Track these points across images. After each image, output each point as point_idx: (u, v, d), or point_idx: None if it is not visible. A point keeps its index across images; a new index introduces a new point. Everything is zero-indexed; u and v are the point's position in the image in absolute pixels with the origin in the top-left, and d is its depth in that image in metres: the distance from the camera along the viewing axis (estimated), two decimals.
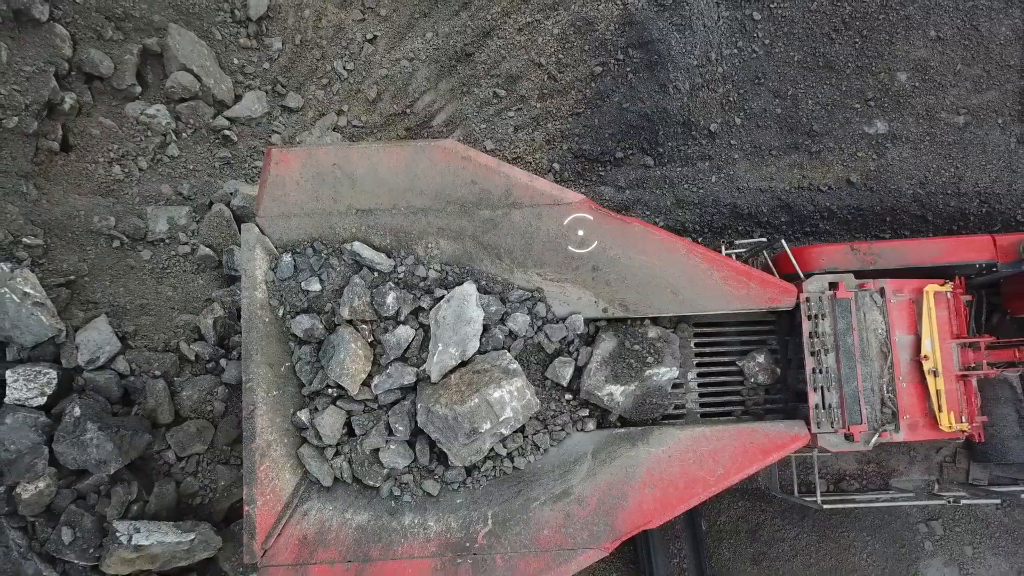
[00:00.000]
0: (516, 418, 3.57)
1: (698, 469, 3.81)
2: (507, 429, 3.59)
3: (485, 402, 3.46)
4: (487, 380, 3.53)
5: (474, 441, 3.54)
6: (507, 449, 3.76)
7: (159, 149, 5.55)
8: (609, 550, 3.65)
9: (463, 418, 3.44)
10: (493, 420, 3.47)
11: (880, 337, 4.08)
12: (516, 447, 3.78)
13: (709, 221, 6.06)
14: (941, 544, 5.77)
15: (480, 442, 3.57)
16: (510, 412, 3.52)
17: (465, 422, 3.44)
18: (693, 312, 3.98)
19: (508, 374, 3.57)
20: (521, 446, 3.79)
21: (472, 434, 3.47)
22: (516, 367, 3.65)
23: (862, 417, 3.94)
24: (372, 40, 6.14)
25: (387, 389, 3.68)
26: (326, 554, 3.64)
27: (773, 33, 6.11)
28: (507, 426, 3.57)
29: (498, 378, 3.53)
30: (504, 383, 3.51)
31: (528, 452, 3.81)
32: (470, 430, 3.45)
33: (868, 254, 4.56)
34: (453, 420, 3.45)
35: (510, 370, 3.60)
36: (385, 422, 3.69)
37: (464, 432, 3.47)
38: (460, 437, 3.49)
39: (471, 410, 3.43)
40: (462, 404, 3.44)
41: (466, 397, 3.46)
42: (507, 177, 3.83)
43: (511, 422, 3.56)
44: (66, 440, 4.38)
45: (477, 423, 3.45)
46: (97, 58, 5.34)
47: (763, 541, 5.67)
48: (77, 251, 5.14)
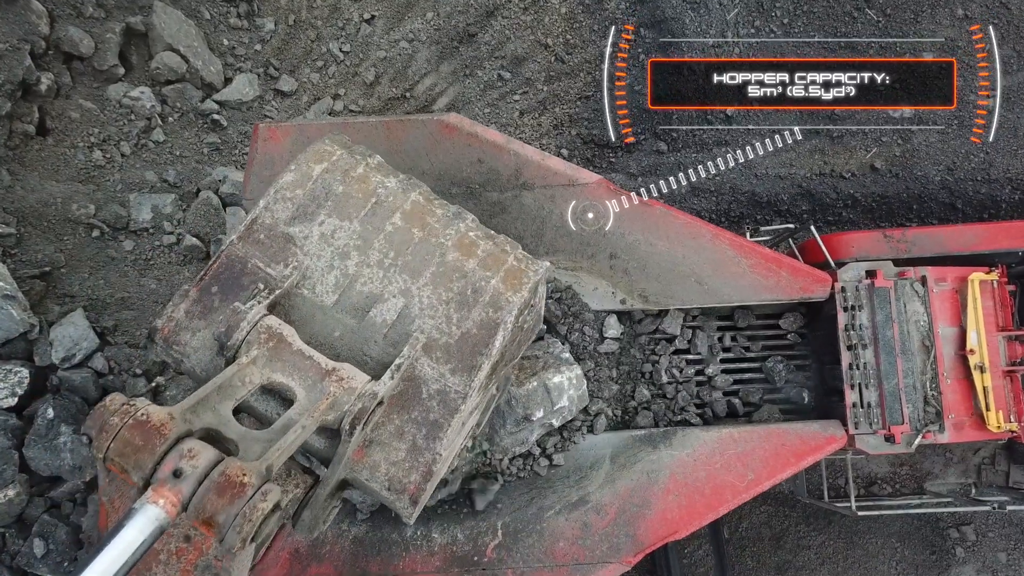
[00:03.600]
0: (570, 408, 3.29)
1: (726, 474, 3.49)
2: (558, 420, 3.30)
3: (543, 386, 3.19)
4: (542, 365, 3.28)
5: (522, 430, 3.23)
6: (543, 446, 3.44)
7: (143, 134, 5.23)
8: (631, 564, 3.32)
9: (517, 401, 3.15)
10: (547, 408, 3.19)
11: (922, 330, 3.76)
12: (553, 443, 3.45)
13: (726, 209, 5.74)
14: (973, 550, 5.45)
15: (527, 431, 3.27)
16: (566, 401, 3.24)
17: (519, 406, 3.15)
18: (719, 303, 3.66)
19: (564, 362, 3.34)
20: (557, 443, 3.46)
21: (523, 421, 3.17)
22: (570, 356, 3.40)
23: (904, 417, 3.62)
24: (370, 20, 5.82)
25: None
26: (320, 569, 3.31)
27: (792, 12, 5.80)
28: (559, 416, 3.28)
29: (555, 364, 3.30)
30: (564, 369, 3.28)
31: (561, 451, 3.48)
32: (522, 416, 3.15)
33: (902, 241, 4.23)
34: (506, 403, 3.16)
35: (563, 358, 3.36)
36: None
37: (515, 418, 3.16)
38: (508, 424, 3.18)
39: (528, 393, 3.16)
40: (520, 386, 3.16)
41: (523, 379, 3.20)
42: (517, 156, 3.51)
43: (564, 412, 3.28)
44: (38, 444, 4.06)
45: (531, 409, 3.17)
46: (77, 36, 5.01)
47: (788, 549, 5.34)
48: (53, 241, 4.81)
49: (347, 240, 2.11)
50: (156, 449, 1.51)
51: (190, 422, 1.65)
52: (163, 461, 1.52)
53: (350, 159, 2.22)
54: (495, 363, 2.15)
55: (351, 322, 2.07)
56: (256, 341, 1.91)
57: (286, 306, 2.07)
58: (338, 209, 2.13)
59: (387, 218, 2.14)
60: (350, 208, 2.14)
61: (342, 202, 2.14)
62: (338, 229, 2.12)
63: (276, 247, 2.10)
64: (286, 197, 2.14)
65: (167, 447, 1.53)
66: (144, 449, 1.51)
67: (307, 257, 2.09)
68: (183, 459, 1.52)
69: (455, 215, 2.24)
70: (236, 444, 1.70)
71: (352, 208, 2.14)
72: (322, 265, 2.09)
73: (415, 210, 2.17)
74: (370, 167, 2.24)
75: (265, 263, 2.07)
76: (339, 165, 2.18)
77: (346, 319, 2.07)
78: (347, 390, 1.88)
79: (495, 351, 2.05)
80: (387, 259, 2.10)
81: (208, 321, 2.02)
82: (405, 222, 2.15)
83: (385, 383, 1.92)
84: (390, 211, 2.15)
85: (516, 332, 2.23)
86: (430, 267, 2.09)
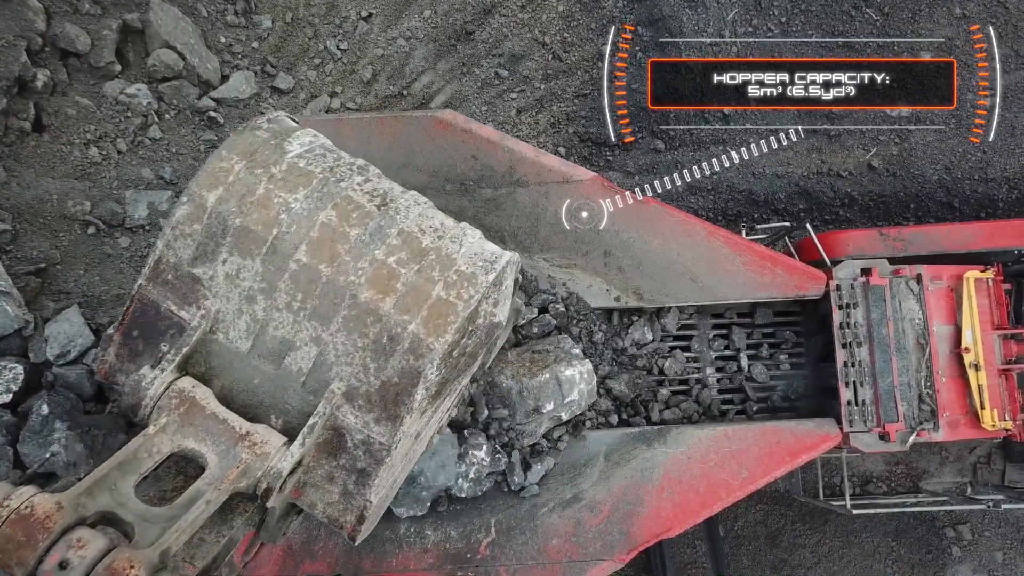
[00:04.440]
0: (579, 403, 3.30)
1: (720, 472, 3.48)
2: (567, 413, 3.30)
3: (555, 379, 3.19)
4: (553, 359, 3.28)
5: (530, 423, 3.22)
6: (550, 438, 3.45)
7: (140, 131, 5.22)
8: (624, 561, 3.32)
9: (529, 393, 3.16)
10: (557, 401, 3.19)
11: (917, 328, 3.75)
12: (559, 436, 3.45)
13: (723, 208, 5.73)
14: (969, 550, 5.45)
15: (536, 424, 3.27)
16: (576, 395, 3.25)
17: (531, 398, 3.16)
18: (714, 301, 3.66)
19: (574, 356, 3.34)
20: (563, 436, 3.45)
21: (533, 413, 3.18)
22: (580, 351, 3.40)
23: (898, 415, 3.62)
24: (367, 18, 5.81)
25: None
26: (313, 566, 3.31)
27: (790, 11, 5.79)
28: (568, 410, 3.28)
29: (565, 358, 3.30)
30: (576, 363, 3.28)
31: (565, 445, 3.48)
32: (533, 408, 3.16)
33: (898, 240, 4.23)
34: (518, 394, 3.16)
35: (573, 353, 3.36)
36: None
37: (526, 410, 3.16)
38: (519, 416, 3.18)
39: (539, 385, 3.16)
40: (532, 377, 3.16)
41: (536, 371, 3.20)
42: (511, 152, 3.50)
43: (573, 406, 3.28)
44: (33, 441, 4.06)
45: (542, 401, 3.17)
46: (73, 33, 5.00)
47: (783, 547, 5.34)
48: (49, 237, 4.81)
49: (252, 282, 1.92)
50: (39, 544, 1.45)
51: (83, 507, 1.57)
52: (49, 553, 1.45)
53: (249, 178, 1.95)
54: (437, 390, 2.00)
55: (269, 369, 1.93)
56: (167, 407, 1.82)
57: (204, 353, 1.95)
58: (238, 246, 1.91)
59: (290, 255, 1.90)
60: (250, 244, 1.91)
61: (241, 237, 1.91)
62: (242, 268, 1.92)
63: (185, 288, 1.94)
64: (185, 233, 1.93)
65: (51, 541, 1.46)
66: (27, 545, 1.44)
67: (217, 299, 1.93)
68: (71, 549, 1.45)
69: (374, 234, 1.95)
70: (133, 527, 1.61)
71: (252, 244, 1.91)
72: (232, 308, 1.93)
73: (323, 238, 1.91)
74: (275, 180, 1.96)
75: (178, 306, 1.94)
76: (235, 190, 1.93)
77: (263, 366, 1.93)
78: (259, 456, 1.79)
79: (417, 401, 1.89)
80: (295, 302, 1.90)
81: (138, 364, 1.94)
82: (311, 257, 1.90)
83: (294, 453, 1.82)
84: (293, 245, 1.90)
85: (458, 358, 2.04)
86: (340, 311, 1.88)
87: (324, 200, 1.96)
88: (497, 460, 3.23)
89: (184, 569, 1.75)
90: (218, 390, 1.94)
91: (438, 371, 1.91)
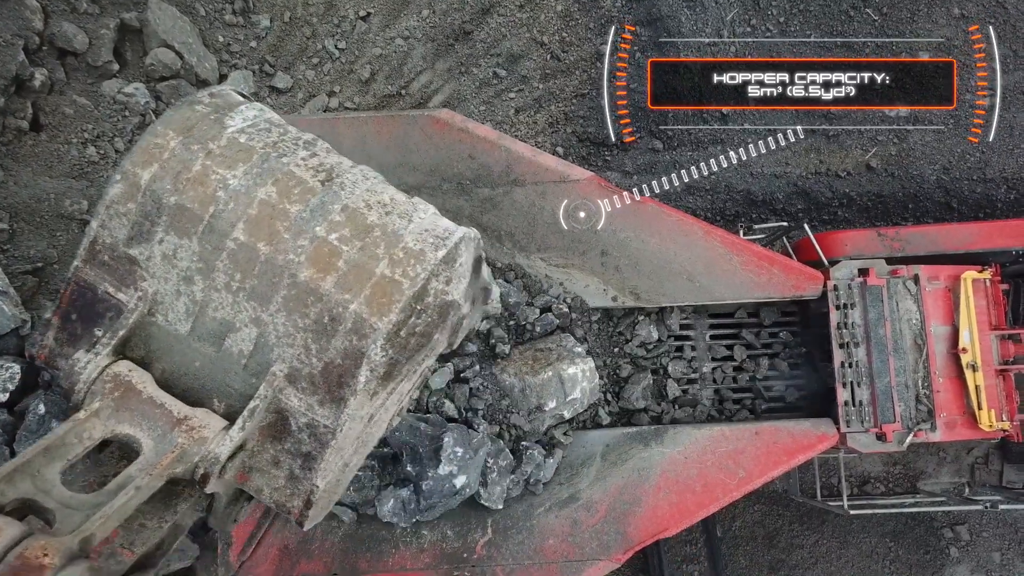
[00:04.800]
0: (582, 401, 3.30)
1: (717, 472, 3.48)
2: (569, 412, 3.30)
3: (558, 377, 3.18)
4: (556, 357, 3.27)
5: (533, 421, 3.22)
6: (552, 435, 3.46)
7: (137, 130, 5.21)
8: (621, 561, 3.32)
9: (531, 391, 3.16)
10: (560, 399, 3.18)
11: (914, 328, 3.75)
12: (561, 433, 3.45)
13: (721, 208, 5.73)
14: (967, 550, 5.44)
15: (539, 422, 3.27)
16: (578, 393, 3.24)
17: (533, 396, 3.16)
18: (711, 301, 3.66)
19: (577, 355, 3.34)
20: (566, 432, 3.45)
21: (535, 411, 3.17)
22: (582, 350, 3.40)
23: (895, 415, 3.61)
24: (365, 18, 5.81)
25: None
26: (309, 565, 3.30)
27: (788, 11, 5.79)
28: (570, 408, 3.28)
29: (568, 357, 3.30)
30: (579, 361, 3.29)
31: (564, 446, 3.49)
32: (535, 406, 3.15)
33: (896, 240, 4.23)
34: (520, 392, 3.16)
35: (576, 352, 3.36)
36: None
37: (528, 408, 3.16)
38: (521, 414, 3.18)
39: (542, 383, 3.16)
40: (535, 375, 3.16)
41: (538, 369, 3.19)
42: (508, 151, 3.50)
43: (576, 405, 3.28)
44: (29, 440, 4.04)
45: (544, 399, 3.17)
46: (71, 32, 5.00)
47: (781, 548, 5.34)
48: (46, 236, 4.80)
49: (189, 262, 1.86)
50: None
51: (1, 494, 1.52)
52: None
53: (185, 154, 1.87)
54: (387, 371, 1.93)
55: (210, 351, 1.88)
56: (101, 391, 1.77)
57: (144, 336, 1.90)
58: (175, 225, 1.84)
59: (227, 234, 1.82)
60: (187, 223, 1.84)
61: (177, 216, 1.84)
62: (179, 248, 1.86)
63: (122, 269, 1.88)
64: (119, 212, 1.86)
65: None
66: None
67: (155, 280, 1.87)
68: None
69: (315, 210, 1.87)
70: (55, 514, 1.56)
71: (189, 223, 1.84)
72: (171, 289, 1.87)
73: (262, 215, 1.84)
74: (212, 156, 1.88)
75: (115, 288, 1.89)
76: (170, 167, 1.86)
77: (204, 348, 1.89)
78: (196, 440, 1.75)
79: (361, 383, 1.83)
80: (234, 282, 1.84)
81: (76, 348, 1.89)
82: (249, 235, 1.82)
83: (233, 437, 1.77)
84: (230, 224, 1.83)
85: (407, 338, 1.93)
86: (280, 291, 1.82)
87: (264, 176, 1.88)
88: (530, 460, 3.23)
89: (121, 555, 1.69)
90: (159, 374, 1.90)
91: (383, 352, 1.84)
